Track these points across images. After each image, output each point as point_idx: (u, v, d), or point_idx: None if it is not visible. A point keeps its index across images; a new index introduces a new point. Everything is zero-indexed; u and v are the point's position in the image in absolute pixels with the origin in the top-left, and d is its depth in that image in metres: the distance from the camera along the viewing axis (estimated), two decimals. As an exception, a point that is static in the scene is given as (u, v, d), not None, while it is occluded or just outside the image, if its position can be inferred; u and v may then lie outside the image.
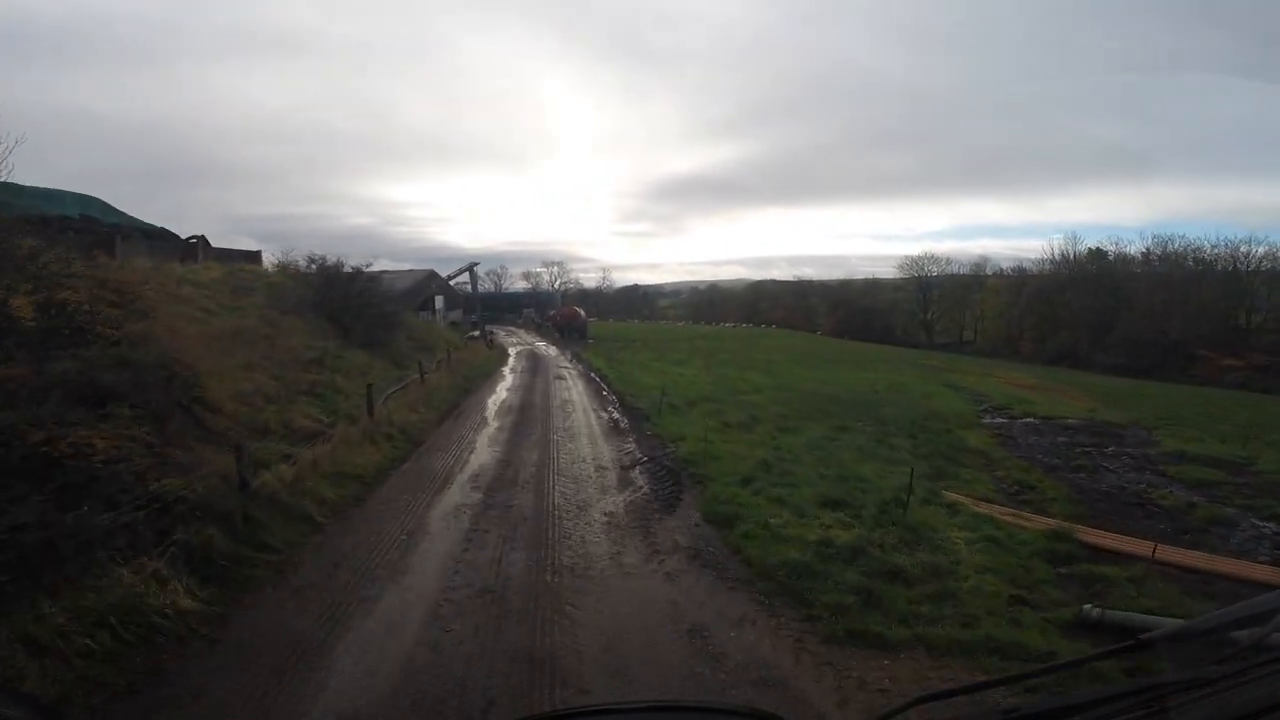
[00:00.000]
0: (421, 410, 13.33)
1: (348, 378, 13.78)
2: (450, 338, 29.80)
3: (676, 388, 19.36)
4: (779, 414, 15.12)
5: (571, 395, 17.36)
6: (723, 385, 20.47)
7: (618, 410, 15.14)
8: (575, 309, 50.85)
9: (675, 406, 15.24)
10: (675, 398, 16.59)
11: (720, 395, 17.88)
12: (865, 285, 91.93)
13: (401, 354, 18.73)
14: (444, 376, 17.22)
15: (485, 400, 16.08)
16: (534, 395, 17.08)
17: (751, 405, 16.26)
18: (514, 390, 18.10)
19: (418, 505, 8.48)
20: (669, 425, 13.14)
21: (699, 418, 13.93)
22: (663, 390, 17.95)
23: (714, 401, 16.60)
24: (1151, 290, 57.42)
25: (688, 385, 20.09)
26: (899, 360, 37.20)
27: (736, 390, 19.28)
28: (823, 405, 17.01)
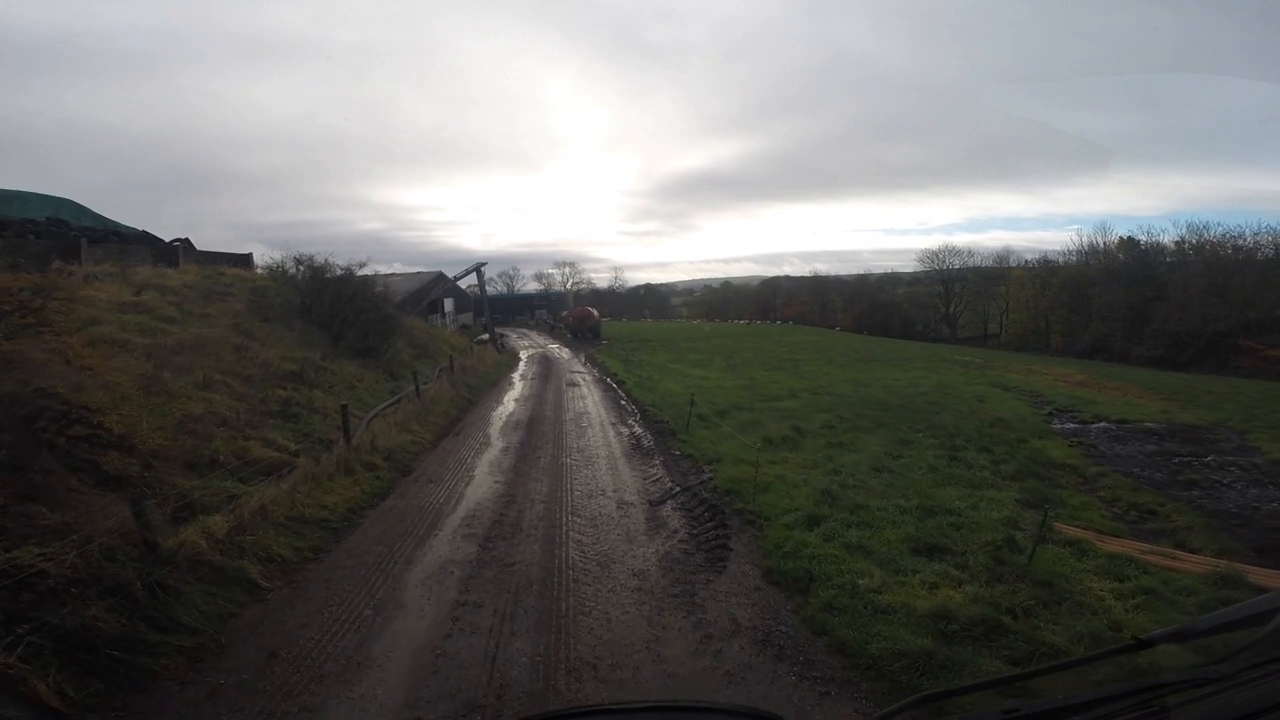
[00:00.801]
0: (415, 429, 11.45)
1: (331, 393, 11.92)
2: (457, 342, 28.03)
3: (702, 394, 17.36)
4: (824, 424, 13.07)
5: (586, 406, 15.43)
6: (752, 390, 18.44)
7: (639, 424, 13.17)
8: (588, 309, 49.00)
9: (704, 417, 13.25)
10: (702, 406, 14.64)
11: (751, 402, 15.86)
12: (883, 279, 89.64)
13: (400, 363, 16.93)
14: (445, 387, 15.38)
15: (490, 414, 14.20)
16: (545, 407, 15.17)
17: (789, 414, 14.22)
18: (523, 401, 16.21)
19: (394, 561, 6.59)
20: (701, 442, 11.17)
21: (734, 431, 11.94)
22: (690, 397, 15.99)
23: (746, 410, 14.60)
24: (1189, 280, 54.39)
25: (714, 390, 18.10)
26: (931, 357, 34.88)
27: (768, 395, 17.24)
28: (869, 412, 14.93)
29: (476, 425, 12.85)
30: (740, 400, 16.07)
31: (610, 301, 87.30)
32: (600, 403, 15.98)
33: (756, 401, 16.02)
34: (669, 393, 17.11)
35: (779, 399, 16.61)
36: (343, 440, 9.22)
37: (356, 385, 12.95)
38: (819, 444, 11.48)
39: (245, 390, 10.21)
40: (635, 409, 14.91)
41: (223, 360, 10.75)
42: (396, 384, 14.23)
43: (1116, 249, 60.80)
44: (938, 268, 74.29)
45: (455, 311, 48.40)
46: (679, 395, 16.66)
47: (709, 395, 17.00)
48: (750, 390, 18.32)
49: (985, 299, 71.67)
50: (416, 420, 11.90)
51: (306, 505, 7.58)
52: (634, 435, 11.98)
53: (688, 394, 17.15)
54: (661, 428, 12.48)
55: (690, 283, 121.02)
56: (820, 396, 17.17)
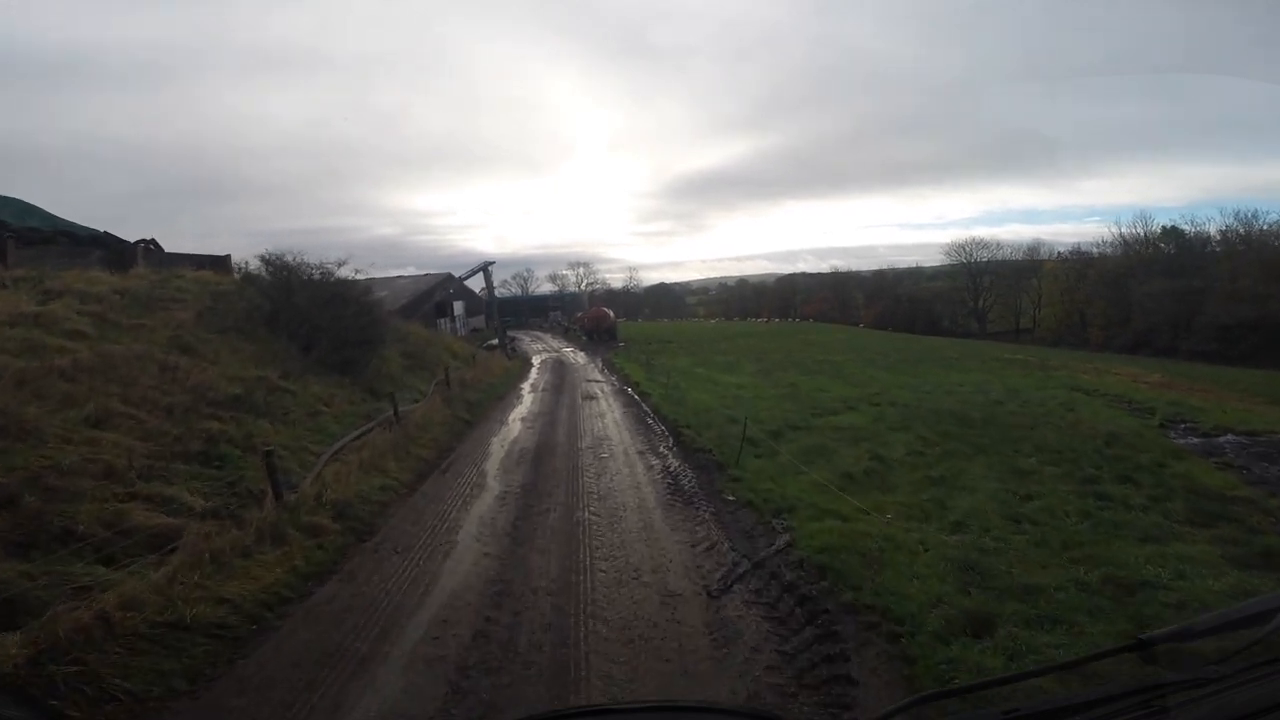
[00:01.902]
0: (390, 467, 8.80)
1: (285, 423, 9.33)
2: (461, 349, 25.22)
3: (740, 406, 14.57)
4: (908, 449, 10.24)
5: (606, 426, 12.68)
6: (797, 400, 15.61)
7: (673, 452, 10.38)
8: (603, 310, 46.29)
9: (754, 441, 10.49)
10: (744, 421, 11.89)
11: (804, 417, 13.04)
12: (901, 274, 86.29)
13: (386, 377, 14.30)
14: (437, 407, 12.70)
15: (490, 441, 11.48)
16: (557, 429, 12.43)
17: (857, 434, 11.40)
18: (532, 421, 13.49)
19: (312, 714, 3.98)
20: (759, 479, 8.41)
21: (796, 461, 9.17)
22: (728, 412, 13.22)
23: (802, 429, 11.80)
24: (1241, 270, 50.49)
25: (753, 402, 15.30)
26: (976, 355, 31.71)
27: (820, 407, 14.40)
28: (952, 429, 12.05)
29: (471, 458, 10.13)
30: (789, 415, 13.26)
31: (625, 302, 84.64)
32: (623, 421, 13.23)
33: (810, 416, 13.20)
34: (702, 406, 14.34)
35: (835, 412, 13.77)
36: (270, 497, 6.58)
37: (322, 410, 10.35)
38: (915, 480, 8.66)
39: (159, 425, 7.63)
40: (665, 429, 12.13)
41: (136, 385, 8.20)
42: (379, 404, 11.61)
43: (1159, 239, 56.91)
44: (964, 261, 70.63)
45: (466, 314, 45.69)
46: (714, 409, 13.91)
47: (750, 408, 14.19)
48: (796, 401, 15.48)
49: (1016, 293, 67.94)
50: (394, 454, 9.25)
51: (195, 600, 4.96)
52: (669, 470, 9.19)
53: (724, 407, 14.40)
54: (704, 459, 9.69)
55: (704, 281, 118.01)
56: (883, 408, 14.29)
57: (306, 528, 6.54)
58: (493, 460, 9.85)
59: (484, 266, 38.33)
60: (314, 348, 12.37)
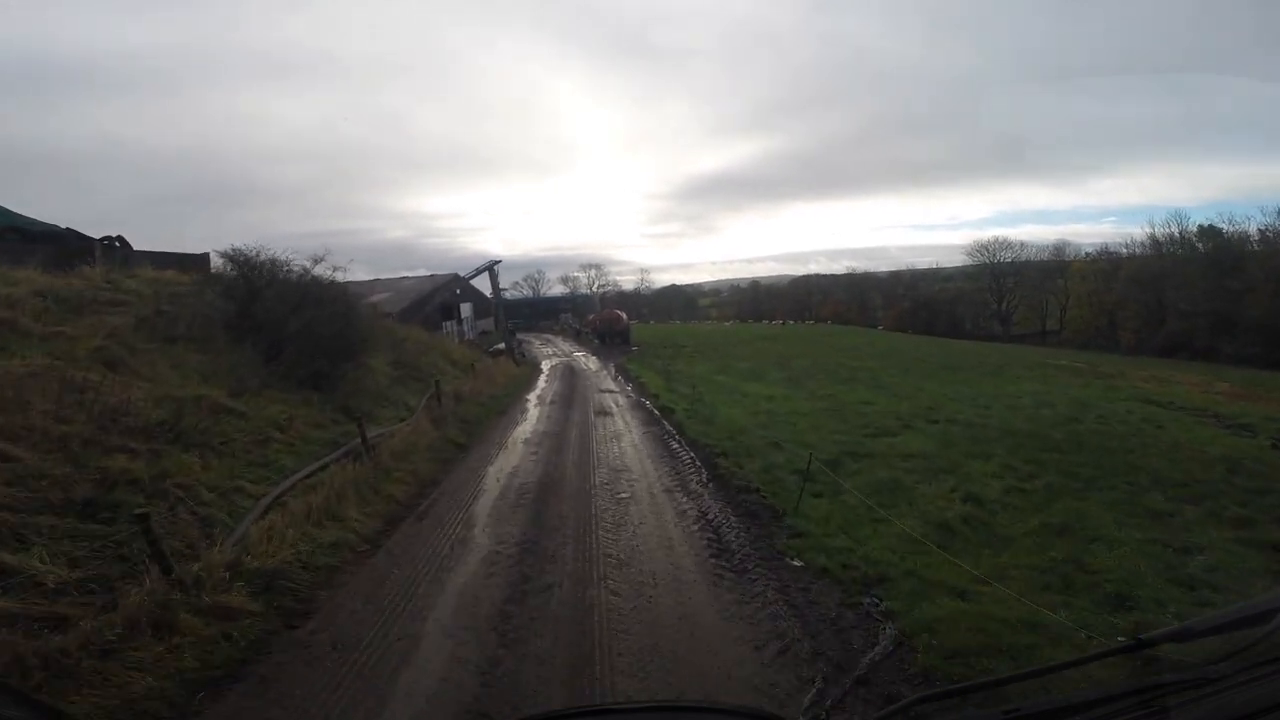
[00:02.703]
0: (352, 513, 6.84)
1: (222, 455, 7.39)
2: (462, 356, 23.24)
3: (779, 425, 12.54)
4: (1003, 484, 8.14)
5: (624, 452, 10.61)
6: (843, 417, 13.50)
7: (710, 489, 8.25)
8: (616, 312, 44.30)
9: (804, 471, 8.47)
10: (790, 445, 9.85)
11: (858, 439, 10.94)
12: (917, 276, 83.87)
13: (366, 393, 12.26)
14: (424, 428, 10.73)
15: (484, 472, 9.42)
16: (565, 456, 10.34)
17: (930, 463, 9.30)
18: (536, 445, 11.41)
19: None
20: (828, 532, 6.37)
21: (866, 499, 7.12)
22: (765, 431, 11.20)
23: (862, 456, 9.70)
24: (1286, 270, 47.60)
25: (791, 418, 13.24)
26: (1020, 360, 29.37)
27: (873, 426, 12.28)
28: (1039, 454, 9.93)
29: (457, 497, 8.08)
30: (839, 437, 11.17)
31: (636, 304, 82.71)
32: (643, 445, 11.17)
33: (864, 439, 11.10)
34: (734, 425, 12.29)
35: (891, 432, 11.66)
36: (156, 572, 4.65)
37: (275, 437, 8.42)
38: (1030, 529, 6.56)
39: (40, 464, 5.74)
40: (695, 457, 10.02)
41: (27, 411, 6.31)
42: (353, 427, 9.67)
43: (1196, 238, 54.08)
44: (987, 261, 68.04)
45: (474, 317, 43.74)
46: (749, 429, 11.87)
47: (790, 427, 12.15)
48: (840, 417, 13.38)
49: (1042, 294, 65.24)
50: (359, 494, 7.29)
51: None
52: (708, 518, 7.12)
53: (759, 425, 12.36)
54: (750, 501, 7.60)
55: (716, 283, 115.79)
56: (944, 427, 12.18)
57: (210, 610, 4.61)
58: (484, 501, 7.82)
59: (490, 266, 35.40)
60: (280, 358, 10.48)
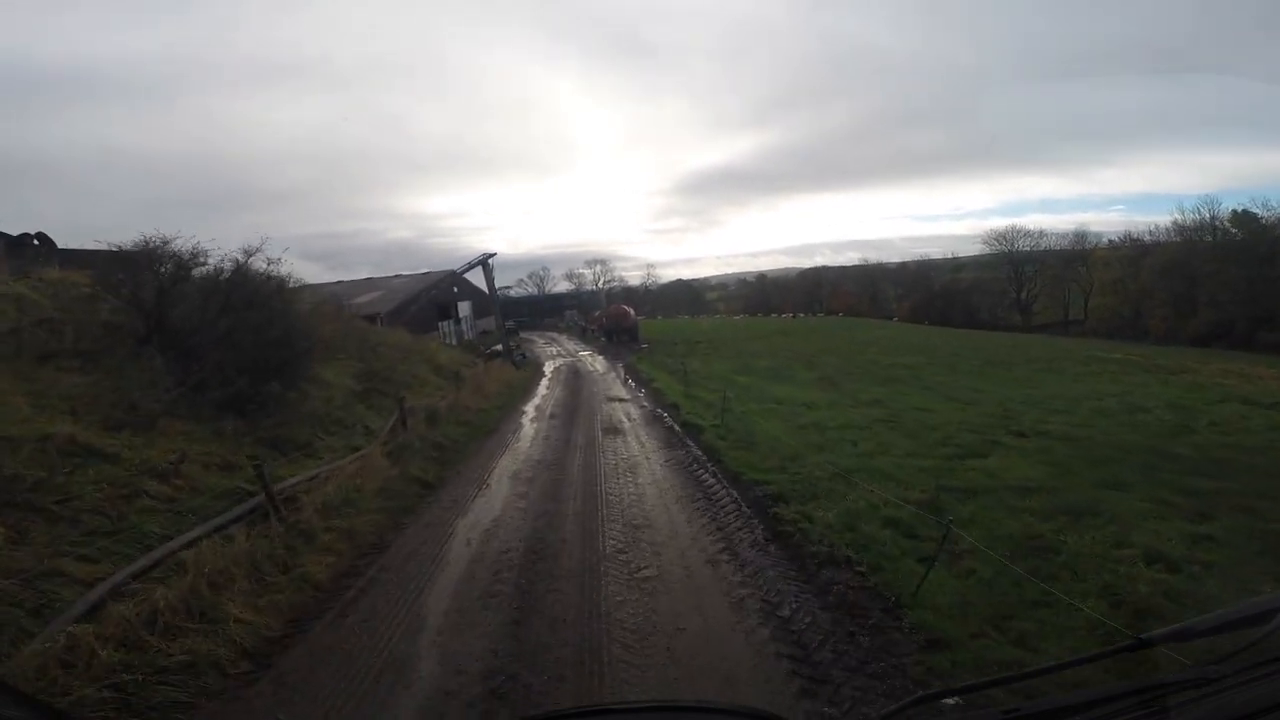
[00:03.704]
0: (236, 607, 4.37)
1: (53, 522, 4.92)
2: (450, 360, 20.40)
3: (831, 441, 9.99)
4: (1175, 528, 5.57)
5: (642, 493, 7.92)
6: (904, 429, 10.89)
7: (773, 561, 5.52)
8: (624, 308, 41.67)
9: (896, 522, 5.94)
10: (862, 477, 7.27)
11: (947, 466, 8.31)
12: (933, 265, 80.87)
13: (314, 416, 9.53)
14: (376, 465, 8.16)
15: (451, 530, 6.80)
16: (563, 501, 7.72)
17: (1061, 502, 6.68)
18: (525, 482, 8.69)
19: None
20: (980, 637, 3.85)
21: (1013, 571, 4.60)
22: (822, 455, 8.60)
23: (967, 493, 7.07)
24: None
25: (843, 433, 10.64)
26: (1067, 354, 26.61)
27: (948, 443, 9.69)
28: (1184, 480, 7.32)
29: (401, 582, 5.42)
30: (919, 461, 8.57)
31: (643, 299, 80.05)
32: (667, 482, 8.52)
33: (948, 462, 8.52)
34: (781, 447, 9.62)
35: (979, 453, 9.04)
36: None
37: (149, 489, 5.88)
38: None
39: None
40: (741, 501, 7.29)
41: None
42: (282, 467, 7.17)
43: (1230, 224, 51.02)
44: (1005, 250, 65.06)
45: (474, 316, 41.06)
46: (803, 453, 9.22)
47: (852, 449, 9.53)
48: (905, 432, 10.75)
49: (1064, 282, 62.26)
50: (257, 575, 4.83)
51: None
52: (780, 618, 4.53)
53: (811, 446, 9.76)
54: (840, 581, 5.03)
55: (722, 277, 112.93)
56: (1042, 444, 9.57)
57: None
58: (444, 583, 5.28)
59: (483, 259, 31.96)
60: (192, 380, 7.90)
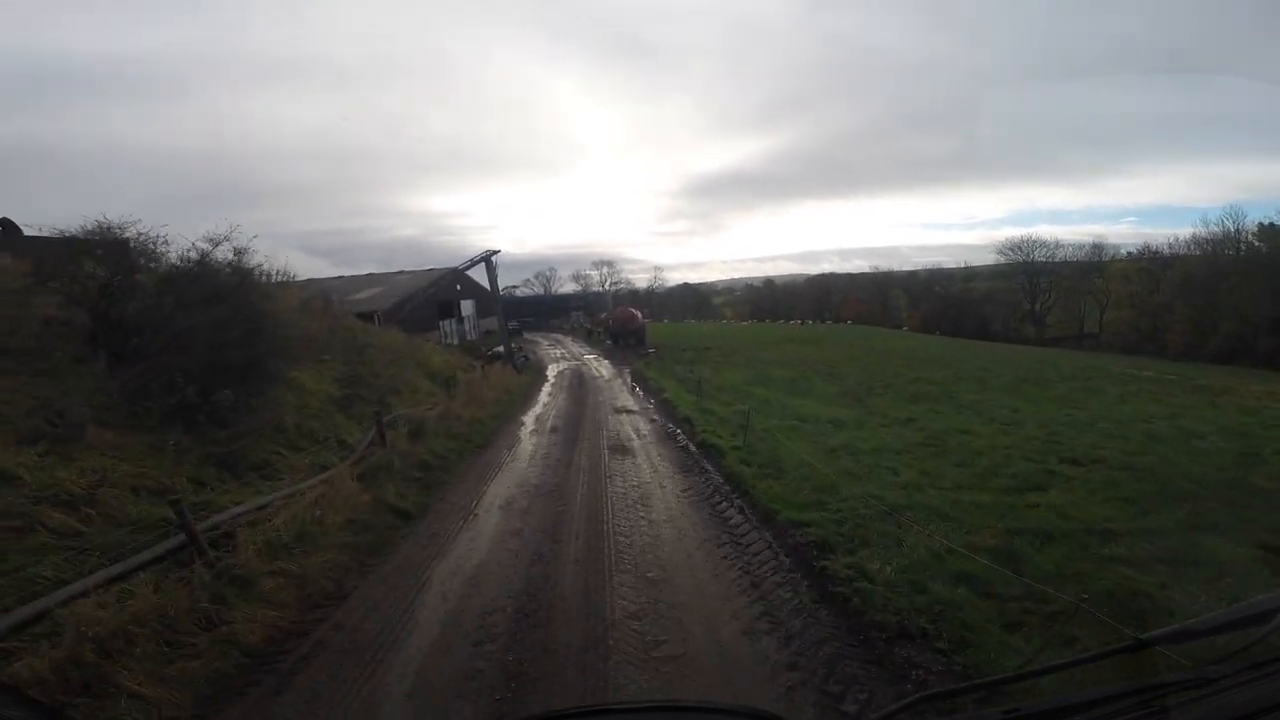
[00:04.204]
0: (130, 678, 3.27)
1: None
2: (445, 364, 19.05)
3: (867, 468, 8.83)
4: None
5: (658, 535, 6.64)
6: (949, 456, 9.70)
7: (828, 632, 4.26)
8: (631, 311, 40.54)
9: (968, 578, 4.78)
10: (913, 513, 6.11)
11: (1005, 503, 7.13)
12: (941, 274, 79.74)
13: (280, 429, 8.31)
14: (343, 489, 6.97)
15: (426, 579, 5.60)
16: (564, 541, 6.53)
17: (1158, 547, 5.50)
18: (519, 515, 7.53)
19: None
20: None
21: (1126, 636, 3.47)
22: (863, 486, 7.41)
23: (1041, 538, 5.90)
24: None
25: (878, 457, 9.47)
26: (1099, 370, 25.26)
27: (999, 472, 8.51)
28: (1272, 522, 6.17)
29: (355, 651, 4.33)
30: (973, 496, 7.39)
31: (649, 302, 79.01)
32: (686, 519, 7.30)
33: (1006, 497, 7.36)
34: (814, 475, 8.41)
35: (1038, 485, 7.86)
36: None
37: (48, 520, 4.73)
38: None
39: None
40: (777, 548, 6.12)
41: None
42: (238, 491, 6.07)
43: (1255, 238, 49.64)
44: (1021, 260, 63.71)
45: (477, 315, 40.04)
46: (840, 483, 8.06)
47: (893, 478, 8.35)
48: (949, 458, 9.54)
49: (1080, 295, 60.86)
50: (167, 636, 3.74)
51: None
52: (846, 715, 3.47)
53: (848, 473, 8.60)
54: (917, 662, 3.88)
55: (729, 282, 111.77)
56: (1100, 474, 8.38)
57: None
58: (407, 658, 4.08)
59: (486, 256, 29.83)
60: (141, 384, 6.79)
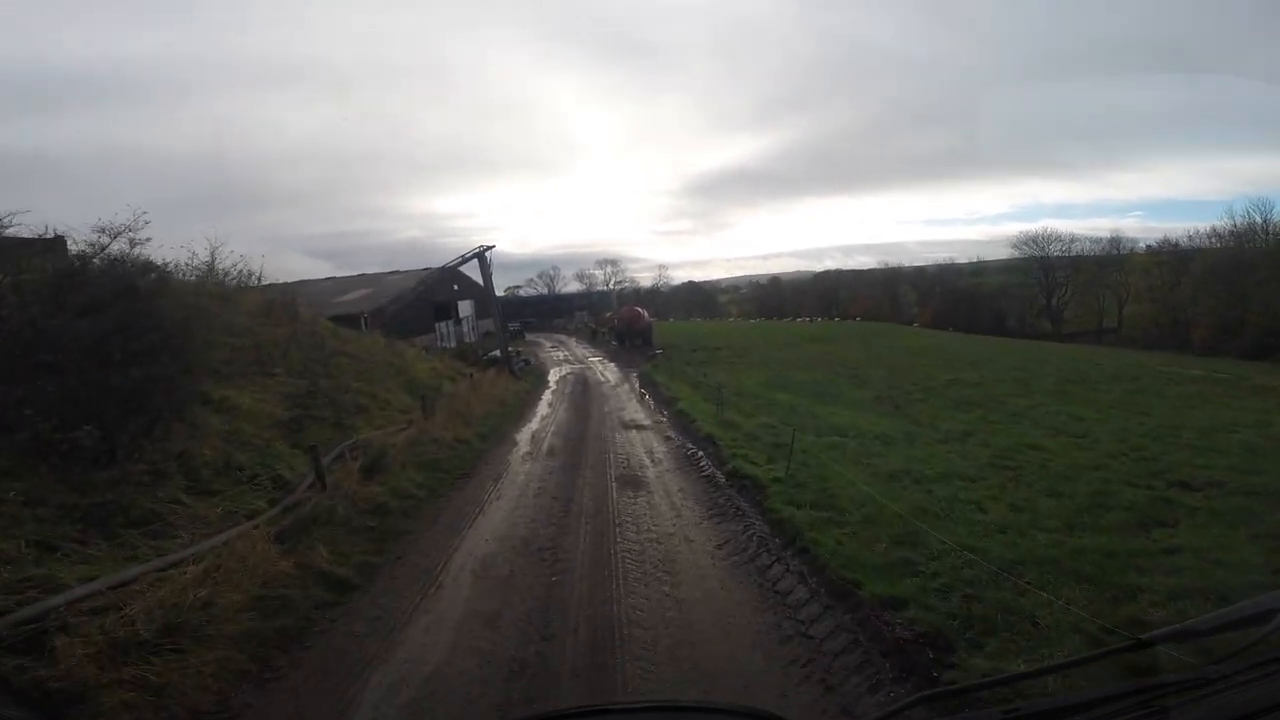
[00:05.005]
0: None
1: None
2: (428, 372, 16.88)
3: (942, 500, 7.12)
4: None
5: (690, 623, 4.84)
6: (1030, 482, 8.01)
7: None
8: (637, 310, 38.84)
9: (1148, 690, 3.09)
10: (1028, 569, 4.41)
11: (1133, 551, 5.44)
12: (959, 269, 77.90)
13: (197, 467, 6.66)
14: (255, 552, 5.17)
15: (356, 697, 3.87)
16: (556, 647, 4.65)
17: None
18: (498, 593, 5.41)
19: None
20: None
21: None
22: (948, 533, 5.70)
23: None
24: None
25: (951, 484, 7.79)
26: (1144, 370, 23.48)
27: (1103, 503, 6.82)
28: None
29: None
30: (1085, 540, 5.64)
31: (654, 301, 77.26)
32: (728, 595, 5.42)
33: (1129, 540, 5.66)
34: (880, 515, 6.74)
35: (1161, 520, 6.13)
36: None
37: None
38: None
39: None
40: (884, 659, 4.02)
41: None
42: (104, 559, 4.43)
43: (1285, 229, 47.73)
44: (1037, 255, 61.88)
45: (476, 316, 38.31)
46: (918, 527, 6.35)
47: (979, 516, 6.65)
48: (1034, 484, 7.85)
49: (1099, 289, 58.98)
50: None
51: None
52: None
53: (920, 510, 6.88)
54: None
55: (734, 280, 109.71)
56: (1244, 506, 6.62)
57: None
58: None
59: (480, 252, 27.37)
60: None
